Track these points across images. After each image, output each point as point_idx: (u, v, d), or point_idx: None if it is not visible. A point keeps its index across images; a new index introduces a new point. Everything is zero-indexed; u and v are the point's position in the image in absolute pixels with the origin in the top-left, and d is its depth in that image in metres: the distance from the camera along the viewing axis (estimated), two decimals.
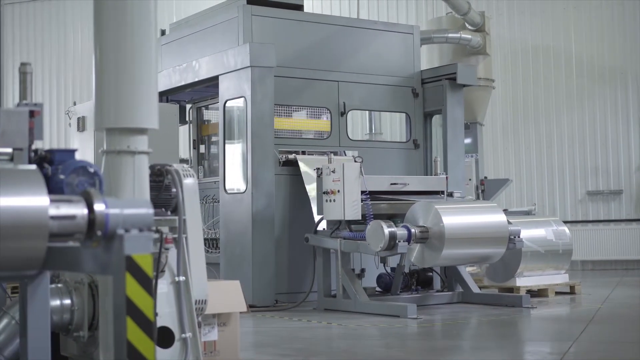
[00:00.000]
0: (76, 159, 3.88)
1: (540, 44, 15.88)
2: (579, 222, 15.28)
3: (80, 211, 3.13)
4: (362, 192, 8.94)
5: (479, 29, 14.06)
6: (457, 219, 8.63)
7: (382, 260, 9.36)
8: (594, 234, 15.11)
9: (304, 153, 10.37)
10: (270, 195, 9.78)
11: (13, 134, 3.67)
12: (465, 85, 11.36)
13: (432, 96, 11.38)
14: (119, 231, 3.14)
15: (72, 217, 3.11)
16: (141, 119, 4.39)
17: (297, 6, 10.88)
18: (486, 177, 14.17)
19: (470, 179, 13.42)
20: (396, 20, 15.85)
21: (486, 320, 8.10)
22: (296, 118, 10.89)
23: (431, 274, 9.96)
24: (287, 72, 10.39)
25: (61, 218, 3.11)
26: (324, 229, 9.38)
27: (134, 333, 3.09)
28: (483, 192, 13.61)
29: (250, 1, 10.43)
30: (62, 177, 3.68)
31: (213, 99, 11.01)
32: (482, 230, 8.82)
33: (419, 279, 9.88)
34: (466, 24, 13.96)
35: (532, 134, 15.80)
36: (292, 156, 10.17)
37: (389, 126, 15.19)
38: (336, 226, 9.16)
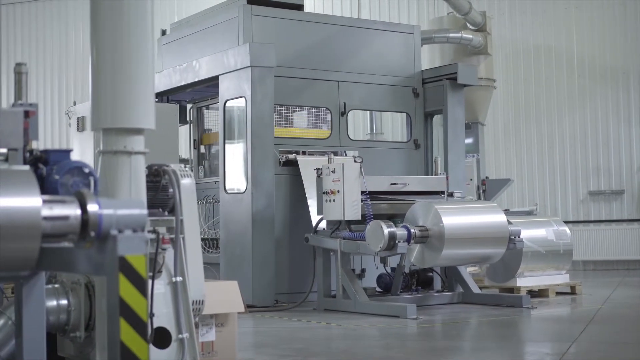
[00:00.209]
0: (71, 159, 3.87)
1: (542, 43, 15.85)
2: (581, 222, 15.26)
3: (74, 212, 3.13)
4: (362, 192, 8.93)
5: (480, 28, 14.05)
6: (457, 219, 8.61)
7: (383, 260, 9.34)
8: (595, 234, 15.08)
9: (304, 153, 10.36)
10: (270, 195, 9.78)
11: (8, 134, 3.67)
12: (466, 85, 11.34)
13: (433, 96, 11.35)
14: (113, 232, 3.13)
15: (65, 218, 3.11)
16: (138, 119, 4.39)
17: (298, 6, 10.87)
18: (487, 177, 14.13)
19: (471, 179, 13.39)
20: (397, 20, 15.84)
21: (486, 321, 8.09)
22: (296, 123, 10.87)
23: (431, 274, 9.95)
24: (288, 72, 10.38)
25: (54, 219, 3.10)
26: (324, 229, 9.37)
27: (127, 334, 3.08)
28: (484, 192, 13.57)
29: (251, 1, 10.43)
30: (56, 177, 3.68)
31: (213, 99, 11.00)
32: (482, 231, 8.80)
33: (419, 279, 9.87)
34: (467, 24, 13.96)
35: (533, 134, 15.78)
36: (292, 156, 10.17)
37: (391, 126, 15.17)
38: (336, 226, 9.15)
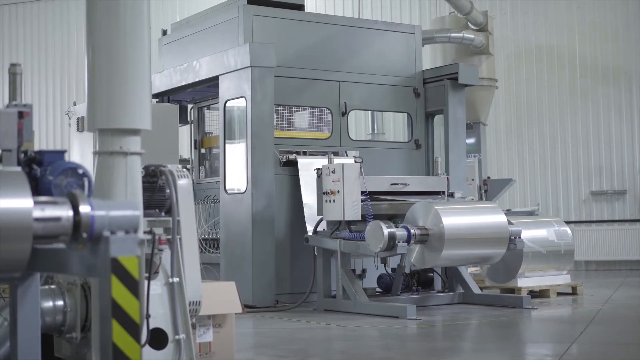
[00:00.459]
0: (66, 160, 3.86)
1: (544, 43, 15.83)
2: (583, 222, 15.23)
3: (65, 213, 3.11)
4: (362, 193, 8.91)
5: (482, 28, 14.03)
6: (457, 219, 8.60)
7: (383, 260, 9.32)
8: (597, 234, 15.05)
9: (304, 153, 10.34)
10: (270, 195, 9.76)
11: (2, 135, 3.66)
12: (467, 85, 11.32)
13: (434, 96, 11.33)
14: (105, 233, 3.11)
15: (57, 219, 3.09)
16: (134, 120, 4.38)
17: (298, 6, 10.86)
18: (489, 177, 14.12)
19: (473, 179, 13.38)
20: (399, 20, 15.82)
21: (486, 322, 8.07)
22: (297, 123, 10.85)
23: (432, 274, 9.94)
24: (288, 72, 10.37)
25: (46, 220, 3.09)
26: (324, 230, 9.36)
27: (119, 336, 3.07)
28: (486, 192, 13.56)
29: (251, 1, 10.41)
30: (50, 178, 3.67)
31: (214, 99, 10.99)
32: (482, 231, 8.78)
33: (419, 280, 9.86)
34: (469, 24, 13.93)
35: (535, 134, 15.75)
36: (292, 156, 10.15)
37: (392, 126, 15.15)
38: (336, 227, 9.14)
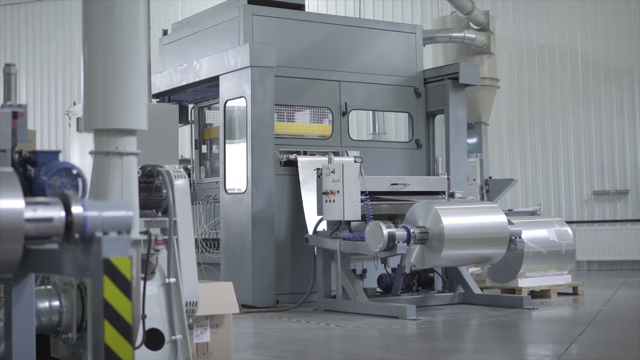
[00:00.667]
0: (60, 160, 3.86)
1: (546, 43, 15.80)
2: (585, 222, 15.20)
3: (57, 214, 3.11)
4: (362, 193, 8.90)
5: (484, 28, 14.01)
6: (456, 219, 8.58)
7: (383, 261, 9.31)
8: (599, 234, 15.02)
9: (305, 153, 10.33)
10: (270, 195, 9.75)
11: None
12: (468, 85, 11.30)
13: (435, 96, 11.31)
14: (97, 234, 3.12)
15: (48, 220, 3.09)
16: (130, 120, 4.39)
17: (299, 6, 10.85)
18: (491, 177, 14.09)
19: (474, 179, 13.36)
20: (400, 19, 15.81)
21: (486, 322, 8.05)
22: (298, 121, 10.84)
23: (432, 274, 9.92)
24: (289, 72, 10.36)
25: (38, 220, 3.09)
26: (324, 230, 9.35)
27: (112, 336, 3.06)
28: (488, 192, 13.53)
29: (252, 1, 10.40)
30: (44, 178, 3.66)
31: (215, 99, 10.98)
32: (482, 231, 8.76)
33: (419, 280, 9.84)
34: (470, 24, 13.91)
35: (537, 134, 15.72)
36: (292, 156, 10.14)
37: (393, 126, 15.13)
38: (336, 227, 9.13)
